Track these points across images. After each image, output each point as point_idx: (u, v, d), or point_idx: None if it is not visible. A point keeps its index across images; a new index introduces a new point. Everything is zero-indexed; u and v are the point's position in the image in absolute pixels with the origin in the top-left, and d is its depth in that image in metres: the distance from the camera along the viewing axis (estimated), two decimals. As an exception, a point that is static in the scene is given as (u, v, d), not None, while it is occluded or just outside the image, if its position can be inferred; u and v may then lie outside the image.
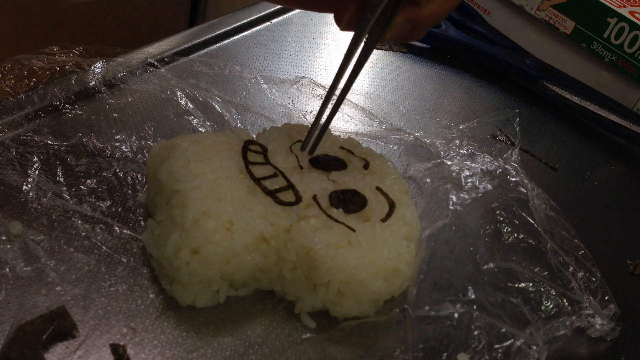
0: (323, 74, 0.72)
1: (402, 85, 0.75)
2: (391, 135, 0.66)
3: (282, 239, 0.45)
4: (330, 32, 0.79)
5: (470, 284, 0.53)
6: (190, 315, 0.45)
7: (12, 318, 0.41)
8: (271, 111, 0.64)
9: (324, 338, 0.46)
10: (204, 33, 0.71)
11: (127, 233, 0.48)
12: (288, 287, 0.47)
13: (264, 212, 0.45)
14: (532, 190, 0.62)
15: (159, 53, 0.65)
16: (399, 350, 0.47)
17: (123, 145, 0.55)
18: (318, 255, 0.44)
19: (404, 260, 0.47)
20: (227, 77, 0.65)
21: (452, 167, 0.63)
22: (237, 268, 0.44)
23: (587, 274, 0.56)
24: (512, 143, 0.70)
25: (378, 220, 0.48)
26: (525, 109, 0.77)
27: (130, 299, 0.44)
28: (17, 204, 0.47)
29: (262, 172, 0.48)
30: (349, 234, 0.46)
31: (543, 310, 0.52)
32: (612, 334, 0.52)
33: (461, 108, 0.74)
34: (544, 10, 0.81)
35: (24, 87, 0.56)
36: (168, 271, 0.44)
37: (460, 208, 0.59)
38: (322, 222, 0.46)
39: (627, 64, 0.77)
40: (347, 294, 0.45)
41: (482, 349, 0.48)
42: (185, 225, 0.43)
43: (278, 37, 0.75)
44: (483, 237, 0.58)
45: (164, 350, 0.42)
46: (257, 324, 0.46)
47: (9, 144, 0.51)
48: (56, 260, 0.45)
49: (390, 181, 0.52)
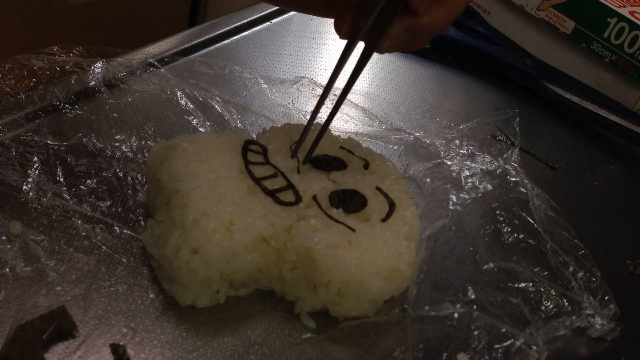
0: (323, 74, 0.72)
1: (402, 85, 0.75)
2: (391, 135, 0.66)
3: (282, 239, 0.45)
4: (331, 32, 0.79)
5: (470, 284, 0.53)
6: (190, 315, 0.45)
7: (12, 318, 0.41)
8: (271, 111, 0.64)
9: (324, 338, 0.46)
10: (204, 33, 0.71)
11: (127, 233, 0.48)
12: (288, 287, 0.47)
13: (264, 212, 0.45)
14: (532, 190, 0.62)
15: (159, 53, 0.65)
16: (399, 350, 0.47)
17: (123, 145, 0.55)
18: (318, 255, 0.44)
19: (404, 260, 0.47)
20: (227, 77, 0.65)
21: (452, 167, 0.63)
22: (237, 268, 0.44)
23: (587, 274, 0.56)
24: (512, 143, 0.70)
25: (378, 220, 0.48)
26: (525, 109, 0.77)
27: (130, 299, 0.44)
28: (17, 204, 0.47)
29: (262, 172, 0.48)
30: (349, 234, 0.46)
31: (543, 310, 0.52)
32: (612, 334, 0.52)
33: (461, 108, 0.74)
34: (544, 10, 0.81)
35: (24, 87, 0.56)
36: (168, 271, 0.44)
37: (460, 208, 0.59)
38: (322, 222, 0.46)
39: (627, 64, 0.77)
40: (347, 294, 0.45)
41: (482, 349, 0.48)
42: (185, 225, 0.43)
43: (278, 37, 0.75)
44: (483, 237, 0.58)
45: (164, 350, 0.42)
46: (257, 324, 0.46)
47: (9, 144, 0.51)
48: (56, 260, 0.45)
49: (390, 181, 0.52)
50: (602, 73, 0.80)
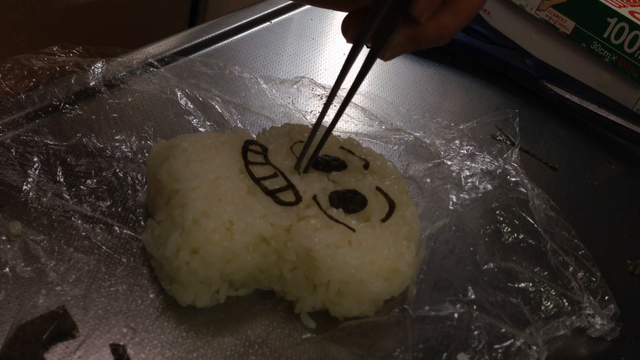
0: (323, 74, 0.72)
1: (402, 85, 0.75)
2: (391, 135, 0.66)
3: (282, 239, 0.45)
4: (331, 32, 0.79)
5: (470, 284, 0.53)
6: (190, 315, 0.45)
7: (12, 318, 0.41)
8: (271, 111, 0.64)
9: (324, 338, 0.46)
10: (204, 33, 0.71)
11: (127, 233, 0.48)
12: (288, 287, 0.47)
13: (264, 212, 0.45)
14: (532, 190, 0.62)
15: (159, 53, 0.65)
16: (399, 350, 0.47)
17: (123, 145, 0.55)
18: (318, 255, 0.44)
19: (404, 260, 0.47)
20: (227, 77, 0.65)
21: (452, 167, 0.63)
22: (237, 268, 0.44)
23: (587, 274, 0.56)
24: (512, 143, 0.70)
25: (378, 220, 0.48)
26: (525, 109, 0.77)
27: (130, 299, 0.44)
28: (17, 204, 0.47)
29: (262, 172, 0.48)
30: (349, 234, 0.46)
31: (543, 310, 0.52)
32: (612, 334, 0.52)
33: (461, 108, 0.74)
34: (544, 10, 0.81)
35: (24, 87, 0.56)
36: (168, 271, 0.44)
37: (460, 208, 0.59)
38: (322, 222, 0.46)
39: (627, 64, 0.77)
40: (347, 294, 0.45)
41: (482, 349, 0.48)
42: (185, 225, 0.43)
43: (278, 37, 0.75)
44: (483, 237, 0.58)
45: (164, 350, 0.42)
46: (257, 324, 0.46)
47: (9, 144, 0.51)
48: (56, 260, 0.45)
49: (390, 181, 0.52)
50: (602, 73, 0.80)
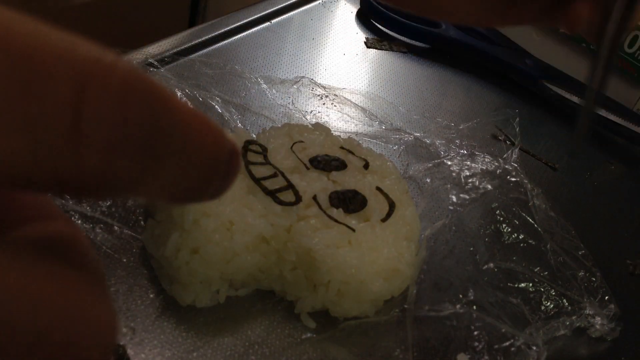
0: (323, 74, 0.72)
1: (402, 85, 0.75)
2: (391, 135, 0.66)
3: (282, 239, 0.45)
4: (331, 32, 0.79)
5: (470, 284, 0.53)
6: (190, 315, 0.45)
7: (12, 318, 0.41)
8: (271, 111, 0.64)
9: (324, 338, 0.46)
10: (204, 33, 0.71)
11: (127, 233, 0.48)
12: (288, 287, 0.47)
13: (264, 212, 0.45)
14: (532, 190, 0.62)
15: (159, 53, 0.65)
16: (399, 350, 0.47)
17: (123, 145, 0.54)
18: (318, 255, 0.44)
19: (404, 260, 0.47)
20: (227, 77, 0.65)
21: (452, 167, 0.63)
22: (237, 268, 0.44)
23: (587, 274, 0.56)
24: (512, 143, 0.70)
25: (378, 220, 0.48)
26: (525, 109, 0.77)
27: (130, 299, 0.44)
28: (17, 204, 0.47)
29: (262, 172, 0.48)
30: (349, 234, 0.46)
31: (543, 310, 0.52)
32: (612, 334, 0.52)
33: (461, 108, 0.74)
34: (544, 10, 0.81)
35: (24, 87, 0.55)
36: (168, 271, 0.44)
37: (460, 208, 0.59)
38: (322, 222, 0.46)
39: (627, 64, 0.77)
40: (347, 294, 0.45)
41: (482, 349, 0.48)
42: (185, 225, 0.43)
43: (278, 37, 0.75)
44: (483, 237, 0.58)
45: (164, 350, 0.42)
46: (257, 324, 0.46)
47: (9, 144, 0.51)
48: (56, 260, 0.45)
49: (390, 181, 0.52)
50: (602, 73, 0.80)
